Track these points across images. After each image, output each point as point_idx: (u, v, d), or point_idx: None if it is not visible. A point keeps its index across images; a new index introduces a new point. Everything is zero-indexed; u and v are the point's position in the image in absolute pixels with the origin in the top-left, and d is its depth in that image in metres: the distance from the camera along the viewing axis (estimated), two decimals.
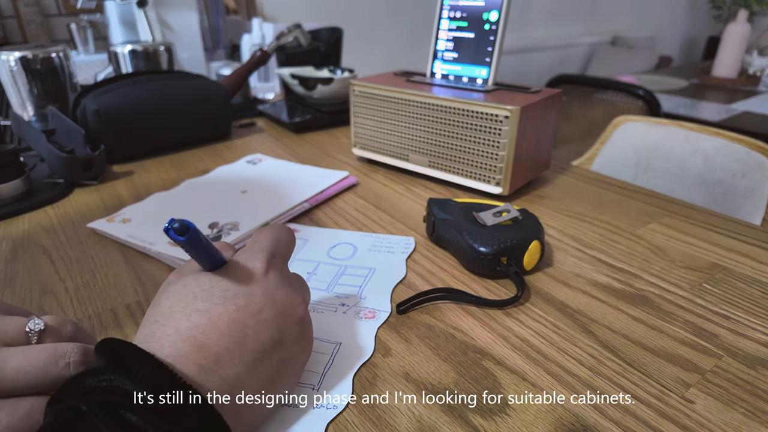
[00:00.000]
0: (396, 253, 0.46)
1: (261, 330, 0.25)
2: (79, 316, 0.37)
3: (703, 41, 3.67)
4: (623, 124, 0.94)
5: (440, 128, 0.57)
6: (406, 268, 0.43)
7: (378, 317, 0.37)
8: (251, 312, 0.25)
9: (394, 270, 0.43)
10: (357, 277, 0.42)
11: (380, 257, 0.45)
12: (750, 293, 0.39)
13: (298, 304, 0.28)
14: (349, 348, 0.34)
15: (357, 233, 0.49)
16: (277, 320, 0.26)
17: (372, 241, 0.48)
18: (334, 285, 0.41)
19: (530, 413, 0.28)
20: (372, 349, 0.33)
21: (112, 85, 0.69)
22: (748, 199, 0.76)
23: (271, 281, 0.27)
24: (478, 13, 0.57)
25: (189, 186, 0.60)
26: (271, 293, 0.26)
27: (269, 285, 0.27)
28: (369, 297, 0.39)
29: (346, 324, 0.36)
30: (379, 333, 0.35)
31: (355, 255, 0.45)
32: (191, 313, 0.24)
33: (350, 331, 0.35)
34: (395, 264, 0.44)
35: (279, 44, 0.92)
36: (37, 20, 1.57)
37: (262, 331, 0.25)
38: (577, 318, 0.37)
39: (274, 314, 0.26)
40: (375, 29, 2.41)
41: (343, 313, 0.37)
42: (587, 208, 0.55)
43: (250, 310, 0.25)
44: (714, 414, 0.28)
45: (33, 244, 0.48)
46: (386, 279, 0.42)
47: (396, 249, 0.46)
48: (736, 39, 1.84)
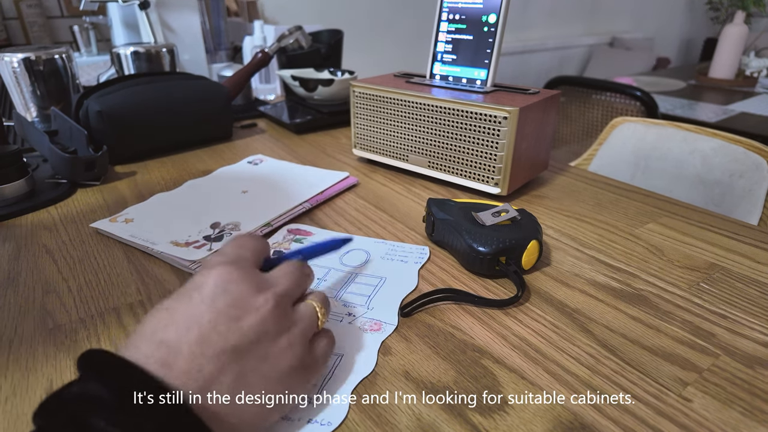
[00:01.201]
0: (409, 262, 0.44)
1: (217, 321, 0.25)
2: (81, 315, 0.38)
3: (701, 42, 3.68)
4: (621, 125, 0.94)
5: (439, 129, 0.58)
6: (418, 278, 0.42)
7: (383, 330, 0.36)
8: (206, 304, 0.25)
9: (405, 280, 0.42)
10: (367, 286, 0.41)
11: (393, 266, 0.44)
12: (747, 293, 0.40)
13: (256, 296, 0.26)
14: (350, 361, 0.33)
15: (372, 240, 0.48)
16: (232, 309, 0.25)
17: (386, 249, 0.47)
18: (343, 293, 0.40)
19: (529, 412, 0.29)
20: (374, 364, 0.32)
21: (115, 86, 0.69)
22: (745, 199, 0.77)
23: (223, 274, 0.26)
24: (477, 16, 0.58)
25: (191, 186, 0.60)
26: (224, 284, 0.26)
27: (220, 278, 0.26)
28: (377, 308, 0.38)
29: (351, 336, 0.35)
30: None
31: (368, 262, 0.44)
32: (156, 312, 0.25)
33: (354, 343, 0.34)
34: (407, 274, 0.43)
35: (280, 46, 0.93)
36: (39, 22, 1.57)
37: (221, 323, 0.25)
38: (575, 317, 0.37)
39: (228, 304, 0.25)
40: (375, 31, 2.42)
41: (348, 323, 0.36)
42: (585, 209, 0.55)
43: (205, 300, 0.25)
44: (711, 413, 0.29)
45: (36, 244, 0.48)
46: (396, 290, 0.41)
47: (410, 258, 0.45)
48: (734, 40, 1.85)
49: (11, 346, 0.34)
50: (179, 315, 0.25)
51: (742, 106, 1.61)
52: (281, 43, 0.93)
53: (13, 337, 0.35)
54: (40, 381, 0.31)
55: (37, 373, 0.32)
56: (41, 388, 0.31)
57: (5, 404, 0.29)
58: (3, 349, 0.34)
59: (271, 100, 1.08)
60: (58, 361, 0.33)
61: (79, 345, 0.34)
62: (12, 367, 0.32)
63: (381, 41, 2.45)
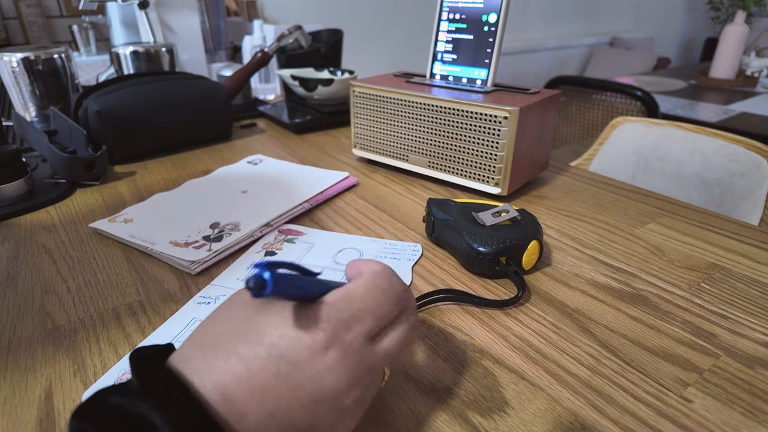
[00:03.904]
0: (402, 260, 0.45)
1: (294, 408, 0.21)
2: (80, 315, 0.38)
3: (702, 42, 3.68)
4: (621, 125, 0.94)
5: (440, 129, 0.58)
6: (411, 275, 0.43)
7: None
8: (290, 386, 0.21)
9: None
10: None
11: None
12: (748, 293, 0.40)
13: (346, 396, 0.23)
14: None
15: (364, 238, 0.49)
16: (314, 406, 0.22)
17: (379, 247, 0.47)
18: None
19: (529, 412, 0.29)
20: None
21: (114, 86, 0.69)
22: (746, 199, 0.77)
23: (326, 362, 0.22)
24: (477, 15, 0.58)
25: (190, 186, 0.60)
26: (320, 377, 0.22)
27: (321, 366, 0.22)
28: None
29: None
30: None
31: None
32: (231, 355, 0.21)
33: None
34: (400, 271, 0.43)
35: (280, 46, 0.93)
36: (39, 21, 1.57)
37: (295, 411, 0.21)
38: (575, 317, 0.37)
39: (313, 400, 0.22)
40: (375, 31, 2.42)
41: None
42: (586, 209, 0.55)
43: (290, 384, 0.21)
44: (712, 413, 0.29)
45: (35, 244, 0.48)
46: None
47: (402, 256, 0.45)
48: (734, 40, 1.85)
49: (10, 347, 0.34)
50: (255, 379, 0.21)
51: (743, 106, 1.61)
52: (281, 42, 0.93)
53: (12, 338, 0.35)
54: (39, 381, 0.31)
55: (36, 373, 0.32)
56: (40, 389, 0.31)
57: (4, 404, 0.29)
58: (2, 350, 0.34)
59: (271, 99, 1.08)
60: (57, 362, 0.33)
61: (77, 345, 0.34)
62: (11, 367, 0.32)
63: (381, 41, 2.45)
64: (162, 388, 0.20)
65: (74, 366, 0.32)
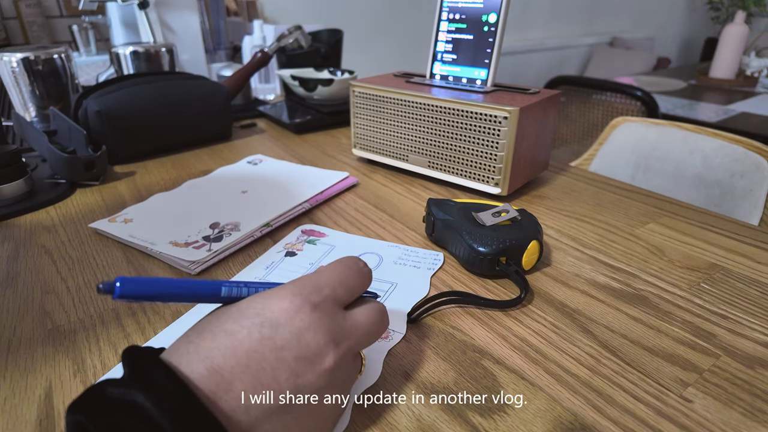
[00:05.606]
0: (422, 269, 0.43)
1: (279, 369, 0.23)
2: (80, 315, 0.38)
3: (701, 42, 3.68)
4: (621, 125, 0.94)
5: (440, 129, 0.58)
6: (429, 286, 0.41)
7: (391, 338, 0.35)
8: (274, 346, 0.23)
9: (416, 287, 0.41)
10: (378, 291, 0.40)
11: (405, 272, 0.43)
12: (748, 293, 0.40)
13: (326, 353, 0.24)
14: None
15: (386, 243, 0.48)
16: (297, 364, 0.23)
17: (399, 254, 0.46)
18: None
19: (529, 412, 0.29)
20: (378, 374, 0.31)
21: (114, 86, 0.69)
22: (746, 199, 0.77)
23: (304, 320, 0.24)
24: (477, 15, 0.58)
25: (190, 186, 0.60)
26: (299, 333, 0.24)
27: (300, 323, 0.24)
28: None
29: None
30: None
31: (380, 267, 0.44)
32: (218, 333, 0.23)
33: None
34: (419, 281, 0.42)
35: (280, 46, 0.93)
36: (38, 21, 1.57)
37: (280, 371, 0.23)
38: (575, 317, 0.37)
39: (296, 356, 0.23)
40: (375, 31, 2.42)
41: None
42: (586, 209, 0.55)
43: (273, 344, 0.23)
44: (712, 413, 0.28)
45: (35, 244, 0.48)
46: (407, 297, 0.39)
47: (422, 264, 0.44)
48: (734, 40, 1.85)
49: (10, 347, 0.34)
50: (241, 347, 0.23)
51: (743, 106, 1.61)
52: (281, 42, 0.93)
53: (11, 338, 0.35)
54: (39, 381, 0.31)
55: (35, 373, 0.32)
56: (40, 389, 0.31)
57: (4, 404, 0.29)
58: (2, 350, 0.34)
59: (271, 99, 1.08)
60: (57, 362, 0.33)
61: (77, 346, 0.34)
62: (11, 367, 0.32)
63: (381, 41, 2.45)
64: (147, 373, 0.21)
65: (74, 366, 0.32)
